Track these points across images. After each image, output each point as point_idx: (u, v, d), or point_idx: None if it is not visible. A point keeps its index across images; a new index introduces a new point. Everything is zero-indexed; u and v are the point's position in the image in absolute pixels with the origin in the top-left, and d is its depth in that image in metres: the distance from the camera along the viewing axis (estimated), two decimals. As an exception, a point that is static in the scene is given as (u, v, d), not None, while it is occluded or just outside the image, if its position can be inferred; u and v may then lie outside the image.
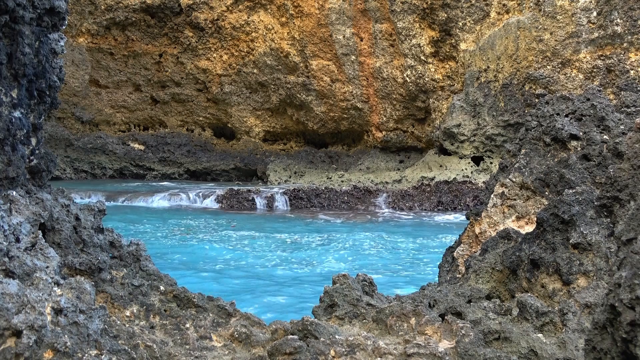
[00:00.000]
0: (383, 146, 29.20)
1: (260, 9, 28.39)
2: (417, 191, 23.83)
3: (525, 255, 3.43)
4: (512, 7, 23.34)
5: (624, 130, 4.01)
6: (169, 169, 31.40)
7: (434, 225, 17.05)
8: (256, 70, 29.60)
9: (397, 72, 27.13)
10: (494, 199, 4.36)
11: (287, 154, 31.11)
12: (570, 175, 3.86)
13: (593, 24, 21.45)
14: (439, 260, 4.96)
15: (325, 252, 12.65)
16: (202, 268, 10.89)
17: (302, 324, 2.83)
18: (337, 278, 3.33)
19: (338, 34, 27.08)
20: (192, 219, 17.24)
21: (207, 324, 2.95)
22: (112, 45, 29.99)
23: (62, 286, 2.39)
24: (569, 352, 2.75)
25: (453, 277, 4.40)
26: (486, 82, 24.29)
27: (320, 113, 29.22)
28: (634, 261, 1.52)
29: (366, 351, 2.65)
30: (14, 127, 2.57)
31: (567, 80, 22.10)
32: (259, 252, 12.44)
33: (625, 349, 1.50)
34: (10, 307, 2.02)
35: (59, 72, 2.91)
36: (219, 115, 31.73)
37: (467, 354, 2.70)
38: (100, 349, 2.38)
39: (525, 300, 3.00)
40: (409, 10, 25.57)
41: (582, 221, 3.21)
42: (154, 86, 31.31)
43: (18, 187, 2.65)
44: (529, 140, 4.33)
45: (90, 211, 3.11)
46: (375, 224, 16.85)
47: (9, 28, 2.49)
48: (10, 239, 2.37)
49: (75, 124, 31.41)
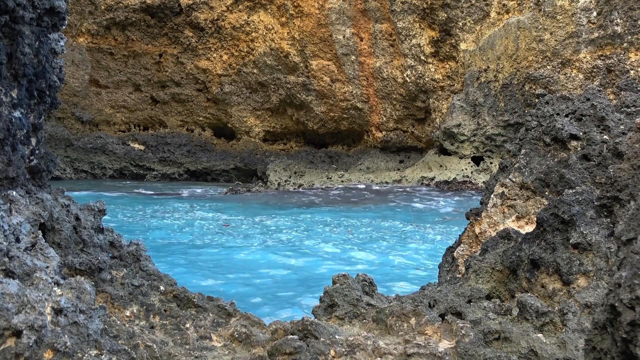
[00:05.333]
0: (383, 146, 29.20)
1: (260, 9, 28.40)
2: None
3: (525, 255, 3.43)
4: (512, 7, 23.34)
5: (624, 130, 4.01)
6: (169, 169, 31.41)
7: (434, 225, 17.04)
8: (256, 70, 29.61)
9: (397, 72, 27.14)
10: (494, 199, 4.36)
11: (287, 154, 31.12)
12: (570, 175, 3.86)
13: (593, 24, 21.45)
14: (439, 260, 4.97)
15: (325, 250, 12.66)
16: (202, 268, 10.90)
17: (302, 324, 2.83)
18: (337, 278, 3.33)
19: (338, 34, 27.08)
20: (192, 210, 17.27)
21: (207, 324, 2.95)
22: (112, 45, 30.00)
23: (62, 286, 2.39)
24: (569, 352, 2.75)
25: (453, 277, 4.40)
26: (486, 82, 24.30)
27: (320, 113, 29.23)
28: (634, 261, 1.52)
29: (366, 351, 2.65)
30: (14, 127, 2.57)
31: (567, 80, 22.10)
32: (259, 252, 12.46)
33: (625, 349, 1.50)
34: (10, 307, 2.03)
35: (59, 72, 2.91)
36: (219, 115, 31.74)
37: (467, 354, 2.70)
38: (100, 349, 2.38)
39: (525, 300, 3.00)
40: (409, 10, 25.57)
41: (582, 221, 3.21)
42: (154, 86, 31.32)
43: (18, 187, 2.65)
44: (529, 140, 4.33)
45: (90, 211, 3.11)
46: (375, 224, 16.86)
47: (9, 28, 2.50)
48: (10, 239, 2.37)
49: (75, 124, 31.42)
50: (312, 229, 15.65)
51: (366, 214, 18.47)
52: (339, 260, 11.83)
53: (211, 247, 13.20)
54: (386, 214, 18.37)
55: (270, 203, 21.38)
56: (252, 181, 30.01)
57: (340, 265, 11.31)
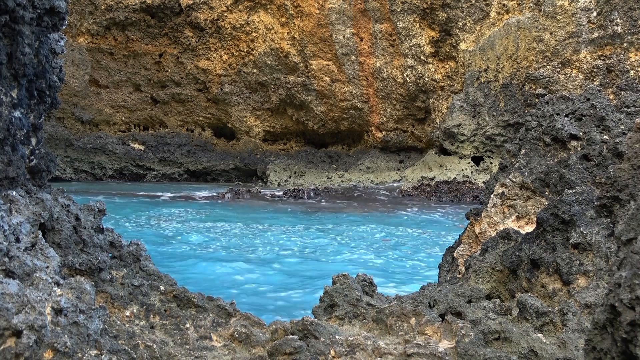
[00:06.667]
0: (383, 146, 29.20)
1: (260, 9, 28.40)
2: (417, 191, 23.82)
3: (525, 255, 3.43)
4: (512, 7, 23.34)
5: (624, 130, 4.01)
6: (169, 169, 31.41)
7: (434, 225, 17.05)
8: (256, 70, 29.60)
9: (397, 72, 27.13)
10: (494, 199, 4.36)
11: (287, 154, 31.12)
12: (570, 175, 3.86)
13: (593, 24, 21.45)
14: (439, 260, 4.96)
15: (325, 251, 12.66)
16: (201, 267, 10.91)
17: (302, 324, 2.83)
18: (337, 278, 3.33)
19: (338, 34, 27.08)
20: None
21: (207, 324, 2.95)
22: (112, 45, 30.00)
23: (62, 286, 2.39)
24: (569, 352, 2.75)
25: (453, 277, 4.40)
26: (486, 82, 24.29)
27: (320, 113, 29.23)
28: (634, 261, 1.52)
29: (366, 351, 2.65)
30: (14, 127, 2.57)
31: (567, 80, 22.10)
32: (259, 251, 12.46)
33: (625, 349, 1.50)
34: (10, 307, 2.02)
35: (59, 72, 2.91)
36: (219, 115, 31.74)
37: (467, 354, 2.70)
38: (100, 349, 2.38)
39: (525, 300, 3.00)
40: (409, 10, 25.57)
41: (582, 221, 3.21)
42: (154, 86, 31.32)
43: (18, 187, 2.65)
44: (529, 140, 4.33)
45: (90, 211, 3.11)
46: (376, 222, 16.86)
47: (9, 28, 2.50)
48: (10, 239, 2.37)
49: (75, 124, 31.42)
50: (318, 232, 15.66)
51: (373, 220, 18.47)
52: (342, 262, 11.83)
53: (210, 248, 13.21)
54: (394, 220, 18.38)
55: (269, 208, 21.38)
56: (252, 181, 30.00)
57: (342, 265, 11.33)
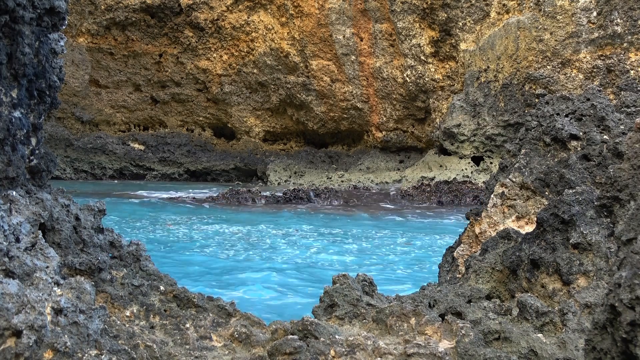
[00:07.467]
0: (383, 146, 29.20)
1: (260, 9, 28.40)
2: (417, 191, 23.82)
3: (525, 255, 3.43)
4: (512, 7, 23.34)
5: (624, 130, 4.01)
6: (169, 169, 31.41)
7: (434, 225, 17.06)
8: (256, 70, 29.61)
9: (397, 72, 27.14)
10: (494, 199, 4.36)
11: (287, 154, 31.12)
12: (570, 175, 3.86)
13: (593, 24, 21.45)
14: (439, 260, 4.96)
15: (325, 251, 12.66)
16: (200, 268, 10.91)
17: (302, 324, 2.83)
18: (337, 278, 3.33)
19: (338, 34, 27.08)
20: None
21: (207, 324, 2.95)
22: (112, 45, 30.00)
23: (62, 286, 2.39)
24: (569, 352, 2.75)
25: (453, 277, 4.40)
26: (486, 82, 24.29)
27: (320, 113, 29.23)
28: (634, 261, 1.52)
29: (366, 351, 2.65)
30: (14, 127, 2.57)
31: (567, 80, 22.10)
32: (258, 251, 12.46)
33: (625, 349, 1.50)
34: (10, 307, 2.02)
35: (59, 72, 2.91)
36: (219, 115, 31.74)
37: (467, 354, 2.70)
38: (100, 349, 2.38)
39: (525, 300, 3.00)
40: (409, 10, 25.57)
41: (582, 221, 3.21)
42: (154, 86, 31.33)
43: (18, 187, 2.65)
44: (529, 140, 4.33)
45: (90, 211, 3.11)
46: (376, 222, 16.86)
47: (9, 28, 2.50)
48: (10, 239, 2.37)
49: (75, 124, 31.42)
50: (318, 232, 15.66)
51: (371, 220, 18.47)
52: (341, 263, 11.83)
53: (209, 248, 13.21)
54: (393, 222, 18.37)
55: (269, 208, 21.39)
56: (252, 181, 30.01)
57: (342, 265, 11.33)
